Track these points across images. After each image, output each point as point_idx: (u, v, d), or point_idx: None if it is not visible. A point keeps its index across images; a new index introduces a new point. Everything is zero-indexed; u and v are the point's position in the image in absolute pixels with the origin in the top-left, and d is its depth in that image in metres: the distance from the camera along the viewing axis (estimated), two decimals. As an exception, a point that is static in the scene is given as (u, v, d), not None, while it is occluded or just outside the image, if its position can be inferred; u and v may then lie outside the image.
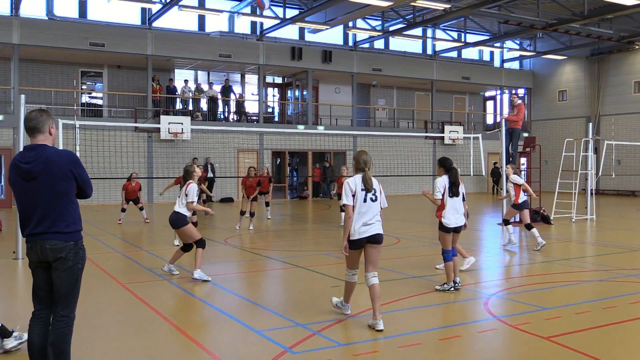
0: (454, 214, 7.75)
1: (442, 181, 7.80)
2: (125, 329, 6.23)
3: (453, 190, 7.76)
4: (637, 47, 30.07)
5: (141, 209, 16.92)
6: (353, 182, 6.08)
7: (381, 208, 6.22)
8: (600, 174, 19.51)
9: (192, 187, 8.64)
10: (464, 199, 7.91)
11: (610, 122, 30.67)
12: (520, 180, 11.91)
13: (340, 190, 14.61)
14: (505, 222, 12.07)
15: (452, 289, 7.67)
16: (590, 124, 18.76)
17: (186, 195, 8.60)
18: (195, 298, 7.74)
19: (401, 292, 7.79)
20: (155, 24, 25.50)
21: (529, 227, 11.57)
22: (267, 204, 17.51)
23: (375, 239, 6.11)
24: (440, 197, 7.76)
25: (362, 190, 6.06)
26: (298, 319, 6.38)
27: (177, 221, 8.65)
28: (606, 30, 28.45)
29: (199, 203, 9.08)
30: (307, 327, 6.05)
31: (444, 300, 7.34)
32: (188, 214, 8.71)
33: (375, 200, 6.13)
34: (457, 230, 7.86)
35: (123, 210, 16.72)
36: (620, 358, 5.22)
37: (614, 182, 29.49)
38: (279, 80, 31.83)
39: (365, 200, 6.06)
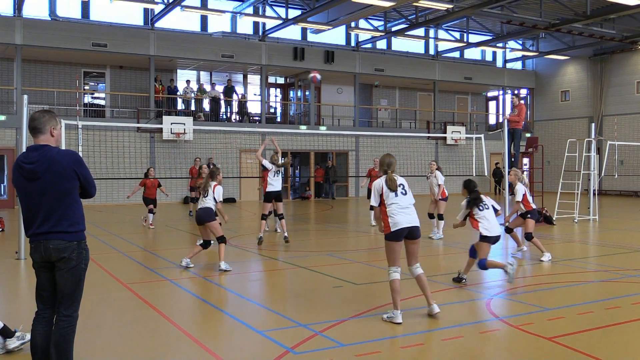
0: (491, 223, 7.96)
1: (465, 201, 8.10)
2: (127, 329, 6.24)
3: (480, 206, 7.98)
4: None
5: (150, 211, 15.83)
6: (379, 184, 6.51)
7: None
8: (602, 174, 19.47)
9: (219, 189, 9.53)
10: (495, 210, 8.17)
11: (612, 123, 30.62)
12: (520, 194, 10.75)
13: (369, 185, 15.36)
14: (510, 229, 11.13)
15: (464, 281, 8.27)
16: (593, 124, 18.71)
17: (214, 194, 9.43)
18: (197, 298, 7.75)
19: (403, 292, 7.78)
20: (158, 24, 25.53)
21: (529, 237, 10.64)
22: None
23: (413, 233, 6.45)
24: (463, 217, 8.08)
25: (387, 189, 6.44)
26: (300, 319, 6.38)
27: (205, 216, 9.35)
28: (609, 30, 28.41)
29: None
30: (309, 328, 6.06)
31: (446, 301, 7.33)
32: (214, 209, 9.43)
33: (406, 194, 6.51)
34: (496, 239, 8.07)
35: (151, 211, 15.54)
36: (621, 358, 5.21)
37: (617, 183, 29.45)
38: (281, 80, 31.86)
39: (396, 195, 6.44)
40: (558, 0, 25.05)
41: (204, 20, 27.78)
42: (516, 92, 34.58)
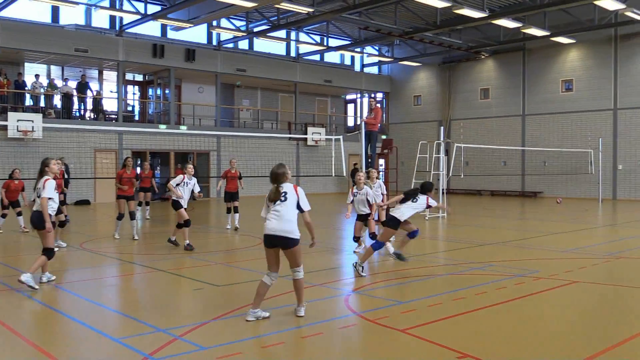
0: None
1: None
2: (-35, 344, 5.72)
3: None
4: (482, 57, 32.50)
5: (19, 214, 14.49)
6: (268, 195, 6.57)
7: (302, 212, 6.51)
8: (450, 174, 20.78)
9: (50, 183, 8.09)
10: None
11: (459, 126, 32.88)
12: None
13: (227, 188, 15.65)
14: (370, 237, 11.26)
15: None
16: (442, 128, 19.96)
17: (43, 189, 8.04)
18: (47, 307, 7.28)
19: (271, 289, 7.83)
20: (2, 13, 23.64)
21: (374, 236, 10.93)
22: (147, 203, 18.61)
23: (279, 242, 6.40)
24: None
25: (269, 200, 6.49)
26: (159, 324, 6.21)
27: (38, 222, 8.07)
28: (456, 40, 30.49)
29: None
30: (168, 332, 5.91)
31: (307, 299, 7.47)
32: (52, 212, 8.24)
33: (285, 200, 6.42)
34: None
35: (3, 216, 14.37)
36: (468, 345, 5.60)
37: (463, 182, 31.58)
38: (139, 77, 30.79)
39: (275, 204, 6.44)
40: (411, 10, 26.47)
41: (55, 11, 26.09)
42: (373, 95, 36.06)
